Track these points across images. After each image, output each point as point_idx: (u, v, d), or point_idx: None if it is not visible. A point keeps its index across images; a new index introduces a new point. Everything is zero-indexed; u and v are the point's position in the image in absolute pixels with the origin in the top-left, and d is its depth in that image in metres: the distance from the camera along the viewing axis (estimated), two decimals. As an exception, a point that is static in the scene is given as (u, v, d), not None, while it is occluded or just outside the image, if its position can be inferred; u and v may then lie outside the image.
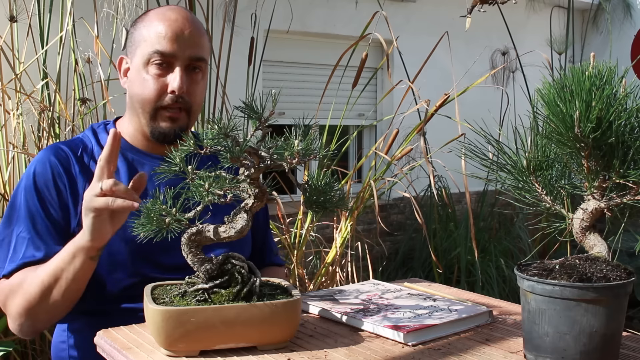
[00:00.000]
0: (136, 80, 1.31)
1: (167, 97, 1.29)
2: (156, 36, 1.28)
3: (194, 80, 1.31)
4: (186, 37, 1.29)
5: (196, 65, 1.31)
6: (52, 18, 2.59)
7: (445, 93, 2.49)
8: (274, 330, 1.00)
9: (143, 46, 1.29)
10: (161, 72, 1.28)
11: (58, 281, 1.18)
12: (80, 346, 1.30)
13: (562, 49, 4.11)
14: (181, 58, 1.28)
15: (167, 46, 1.27)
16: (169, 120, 1.30)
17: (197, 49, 1.31)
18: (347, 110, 2.85)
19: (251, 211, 1.00)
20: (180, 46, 1.28)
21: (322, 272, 2.75)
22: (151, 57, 1.28)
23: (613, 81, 0.89)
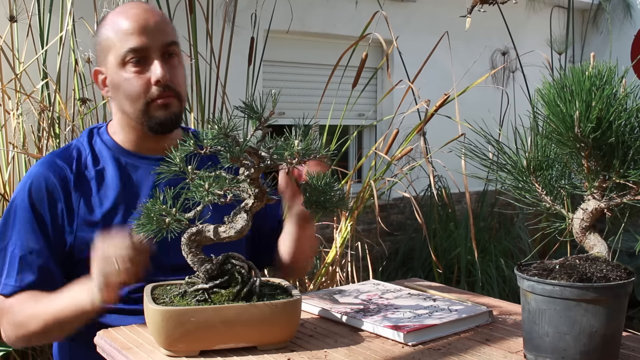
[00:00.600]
0: (118, 84, 1.30)
1: (153, 90, 1.28)
2: (124, 35, 1.27)
3: (172, 66, 1.31)
4: (153, 27, 1.28)
5: (170, 51, 1.31)
6: (52, 18, 2.59)
7: (445, 93, 2.48)
8: (274, 330, 1.00)
9: (114, 49, 1.29)
10: (140, 68, 1.28)
11: (62, 326, 1.21)
12: (81, 345, 1.30)
13: (562, 49, 4.11)
14: (155, 48, 1.28)
15: (137, 41, 1.27)
16: (163, 108, 1.30)
17: (167, 35, 1.31)
18: (347, 110, 2.85)
19: (251, 211, 1.00)
20: (150, 37, 1.27)
21: (322, 272, 2.75)
22: (125, 56, 1.27)
23: (613, 81, 0.89)
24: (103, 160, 1.34)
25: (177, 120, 1.33)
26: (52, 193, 1.28)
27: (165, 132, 1.32)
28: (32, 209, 1.27)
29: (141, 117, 1.30)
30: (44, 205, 1.27)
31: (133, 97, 1.29)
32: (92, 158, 1.33)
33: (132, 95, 1.28)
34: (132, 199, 1.31)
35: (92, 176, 1.31)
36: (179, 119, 1.34)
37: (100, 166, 1.33)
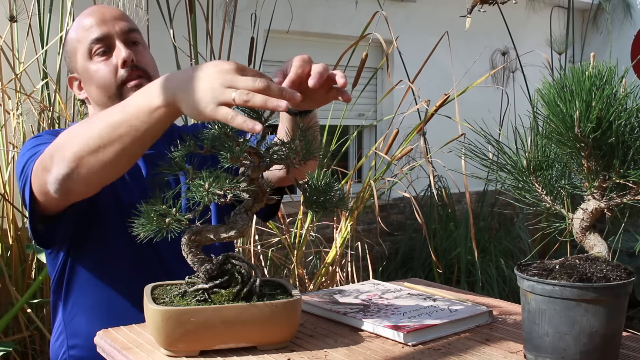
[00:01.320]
0: (89, 78, 1.34)
1: (122, 72, 1.32)
2: (85, 31, 1.33)
3: (137, 51, 1.35)
4: (110, 17, 1.34)
5: (134, 39, 1.35)
6: (52, 18, 2.59)
7: (445, 93, 2.48)
8: (274, 330, 1.00)
9: (80, 48, 1.33)
10: (106, 57, 1.32)
11: (120, 137, 1.00)
12: (78, 344, 1.30)
13: (562, 49, 4.11)
14: (116, 35, 1.33)
15: (98, 31, 1.32)
16: (135, 89, 1.30)
17: (126, 22, 1.35)
18: (347, 110, 2.85)
19: (251, 211, 1.00)
20: (109, 25, 1.32)
21: (322, 272, 2.75)
22: (90, 49, 1.32)
23: (613, 81, 0.89)
24: None
25: None
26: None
27: None
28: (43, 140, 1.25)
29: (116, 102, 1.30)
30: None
31: (105, 85, 1.32)
32: None
33: (103, 83, 1.32)
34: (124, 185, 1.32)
35: None
36: None
37: None
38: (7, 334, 2.34)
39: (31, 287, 2.24)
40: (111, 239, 1.29)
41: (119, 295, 1.29)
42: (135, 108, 0.98)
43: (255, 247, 2.73)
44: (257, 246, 2.78)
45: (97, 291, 1.30)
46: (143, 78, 1.33)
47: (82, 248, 1.31)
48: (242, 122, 0.87)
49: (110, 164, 1.02)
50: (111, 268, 1.30)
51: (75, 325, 1.32)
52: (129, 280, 1.30)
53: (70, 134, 1.06)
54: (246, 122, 0.86)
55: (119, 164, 1.05)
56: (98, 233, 1.30)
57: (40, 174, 1.12)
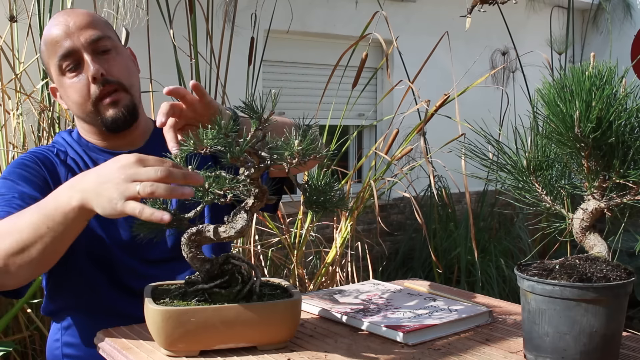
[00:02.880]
0: (65, 93, 1.31)
1: (93, 89, 1.28)
2: (53, 46, 1.28)
3: (107, 60, 1.30)
4: (73, 28, 1.27)
5: (103, 47, 1.29)
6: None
7: (445, 93, 2.48)
8: (274, 330, 1.00)
9: (51, 63, 1.30)
10: (76, 72, 1.28)
11: (37, 229, 1.02)
12: (73, 344, 1.31)
13: (562, 49, 4.11)
14: (82, 47, 1.27)
15: (64, 46, 1.27)
16: (112, 106, 1.29)
17: (92, 30, 1.28)
18: (347, 110, 2.85)
19: (251, 211, 1.00)
20: (73, 38, 1.27)
21: (322, 272, 2.75)
22: (60, 65, 1.28)
23: (613, 81, 0.89)
24: (77, 155, 1.35)
25: (132, 113, 1.31)
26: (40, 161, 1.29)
27: (123, 128, 1.31)
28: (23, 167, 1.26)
29: (95, 118, 1.30)
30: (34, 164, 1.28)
31: (80, 102, 1.29)
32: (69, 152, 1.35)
33: (78, 100, 1.29)
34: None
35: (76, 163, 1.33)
36: (133, 111, 1.32)
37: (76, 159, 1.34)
38: (7, 334, 2.34)
39: (31, 287, 2.24)
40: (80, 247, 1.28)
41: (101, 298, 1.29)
42: (52, 209, 1.01)
43: (255, 247, 2.73)
44: (257, 246, 2.78)
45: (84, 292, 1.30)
46: (118, 91, 1.29)
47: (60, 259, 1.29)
48: (149, 214, 0.88)
49: (36, 261, 1.04)
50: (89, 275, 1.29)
51: (69, 323, 1.32)
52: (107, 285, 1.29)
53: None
54: (154, 214, 0.88)
55: (44, 261, 1.07)
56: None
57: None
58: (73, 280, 1.29)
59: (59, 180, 1.29)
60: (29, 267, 1.05)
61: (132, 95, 1.32)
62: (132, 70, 1.35)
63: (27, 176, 1.25)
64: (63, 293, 1.32)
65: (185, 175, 0.92)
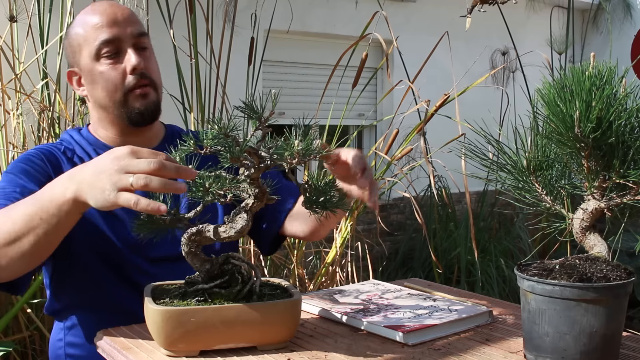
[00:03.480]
0: (94, 79, 1.31)
1: (129, 78, 1.29)
2: (94, 30, 1.29)
3: (146, 57, 1.33)
4: (121, 19, 1.30)
5: (143, 44, 1.33)
6: (52, 18, 2.59)
7: (445, 93, 2.48)
8: (274, 330, 1.00)
9: (86, 46, 1.30)
10: (114, 61, 1.29)
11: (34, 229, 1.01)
12: (77, 344, 1.30)
13: (562, 49, 4.11)
14: (126, 39, 1.30)
15: (108, 33, 1.28)
16: (141, 98, 1.31)
17: (137, 26, 1.32)
18: (347, 110, 2.85)
19: (251, 211, 1.00)
20: (120, 28, 1.29)
21: (322, 272, 2.75)
22: (99, 50, 1.28)
23: (613, 81, 0.89)
24: (85, 153, 1.35)
25: (156, 110, 1.34)
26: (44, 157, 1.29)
27: (146, 122, 1.33)
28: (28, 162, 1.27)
29: (120, 109, 1.31)
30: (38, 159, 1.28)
31: (110, 89, 1.30)
32: (80, 148, 1.35)
33: (109, 87, 1.30)
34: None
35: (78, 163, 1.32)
36: (157, 109, 1.35)
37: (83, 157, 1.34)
38: (7, 334, 2.34)
39: (31, 287, 2.24)
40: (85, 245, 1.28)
41: (107, 296, 1.29)
42: (47, 201, 1.00)
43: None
44: (257, 246, 2.78)
45: (90, 289, 1.30)
46: (149, 86, 1.32)
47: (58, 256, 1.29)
48: (145, 205, 0.88)
49: (28, 253, 1.03)
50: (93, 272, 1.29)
51: (72, 323, 1.32)
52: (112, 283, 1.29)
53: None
54: (150, 205, 0.87)
55: (36, 254, 1.05)
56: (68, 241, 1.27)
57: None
58: (78, 277, 1.29)
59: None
60: (21, 259, 1.04)
61: (158, 95, 1.35)
62: (159, 72, 1.39)
63: (30, 171, 1.25)
64: (68, 290, 1.31)
65: (178, 168, 0.91)
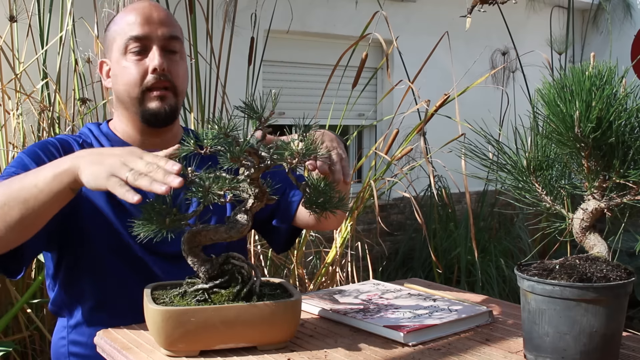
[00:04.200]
0: (118, 72, 1.33)
1: (149, 77, 1.30)
2: (127, 25, 1.31)
3: (172, 60, 1.33)
4: (156, 19, 1.31)
5: (173, 47, 1.33)
6: (52, 18, 2.59)
7: (445, 93, 2.48)
8: (274, 330, 1.00)
9: (118, 40, 1.32)
10: (140, 57, 1.31)
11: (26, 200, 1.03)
12: (80, 341, 1.30)
13: (562, 49, 4.11)
14: (156, 39, 1.30)
15: (139, 30, 1.30)
16: (158, 100, 1.31)
17: (169, 28, 1.33)
18: (347, 110, 2.85)
19: (251, 211, 1.00)
20: (151, 27, 1.30)
21: (322, 272, 2.75)
22: (127, 45, 1.30)
23: (613, 81, 0.89)
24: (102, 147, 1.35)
25: (171, 114, 1.34)
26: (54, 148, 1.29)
27: (159, 124, 1.33)
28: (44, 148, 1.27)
29: (137, 106, 1.32)
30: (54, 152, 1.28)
31: (130, 84, 1.31)
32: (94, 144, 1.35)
33: (129, 82, 1.31)
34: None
35: None
36: (174, 113, 1.34)
37: None
38: (7, 334, 2.34)
39: (31, 287, 2.24)
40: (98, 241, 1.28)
41: (119, 293, 1.29)
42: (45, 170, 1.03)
43: (255, 247, 2.73)
44: (257, 246, 2.78)
45: (95, 288, 1.30)
46: (168, 89, 1.32)
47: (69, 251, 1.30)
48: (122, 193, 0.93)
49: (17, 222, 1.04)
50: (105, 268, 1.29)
51: (76, 321, 1.32)
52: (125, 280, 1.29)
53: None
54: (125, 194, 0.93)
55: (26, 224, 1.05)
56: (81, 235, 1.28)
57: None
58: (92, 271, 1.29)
59: None
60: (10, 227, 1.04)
61: (178, 101, 1.35)
62: (186, 79, 1.39)
63: (42, 157, 1.25)
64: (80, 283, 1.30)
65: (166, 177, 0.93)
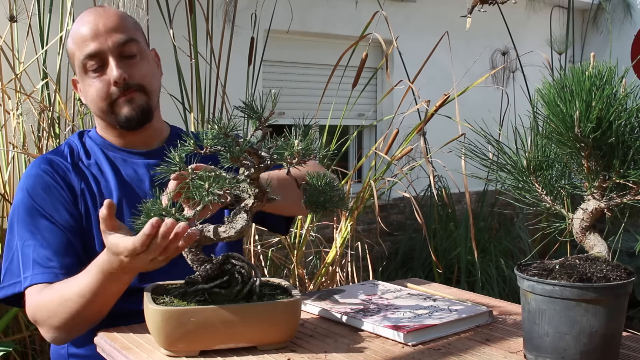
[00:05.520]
0: (85, 90, 1.34)
1: (113, 90, 1.30)
2: (80, 43, 1.30)
3: (132, 65, 1.32)
4: (103, 30, 1.29)
5: (129, 52, 1.31)
6: (52, 18, 2.59)
7: (445, 93, 2.48)
8: (274, 330, 1.00)
9: (76, 58, 1.32)
10: (99, 73, 1.30)
11: (94, 301, 1.13)
12: (79, 344, 1.30)
13: (562, 49, 4.11)
14: (108, 50, 1.29)
15: (91, 47, 1.29)
16: (127, 104, 1.31)
17: (120, 34, 1.30)
18: (347, 110, 2.85)
19: (251, 211, 1.00)
20: (101, 40, 1.29)
21: (322, 272, 2.75)
22: (84, 64, 1.30)
23: (613, 81, 0.89)
24: (94, 154, 1.37)
25: (145, 113, 1.34)
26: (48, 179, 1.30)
27: (135, 126, 1.34)
28: (34, 206, 1.27)
29: (110, 117, 1.33)
30: (45, 191, 1.28)
31: (96, 101, 1.32)
32: (85, 152, 1.37)
33: (95, 99, 1.31)
34: (129, 192, 1.34)
35: (87, 168, 1.34)
36: (147, 111, 1.34)
37: (92, 160, 1.36)
38: (7, 334, 2.34)
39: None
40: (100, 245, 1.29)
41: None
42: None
43: (255, 247, 2.73)
44: (257, 246, 2.78)
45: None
46: (136, 92, 1.32)
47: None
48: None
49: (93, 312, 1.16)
50: None
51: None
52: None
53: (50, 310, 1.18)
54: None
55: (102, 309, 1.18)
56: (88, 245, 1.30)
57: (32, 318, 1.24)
58: None
59: (73, 189, 1.30)
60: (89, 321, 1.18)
61: (150, 98, 1.35)
62: (155, 75, 1.38)
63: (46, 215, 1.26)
64: None
65: (161, 246, 0.98)
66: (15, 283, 1.23)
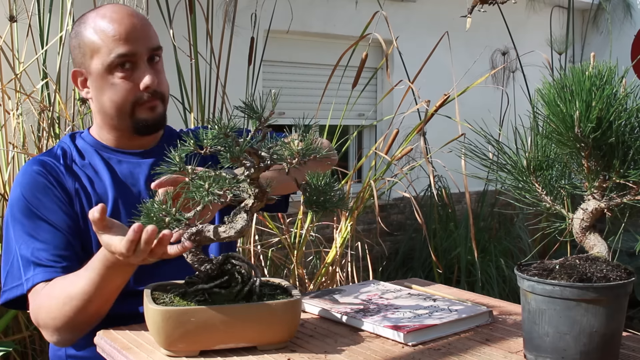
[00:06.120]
0: (103, 88, 1.30)
1: (140, 94, 1.29)
2: (111, 40, 1.27)
3: (158, 70, 1.33)
4: (140, 32, 1.29)
5: (157, 57, 1.33)
6: (52, 18, 2.58)
7: (445, 93, 2.48)
8: (274, 330, 1.00)
9: (100, 54, 1.28)
10: (127, 74, 1.29)
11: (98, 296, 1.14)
12: (77, 346, 1.30)
13: (562, 49, 4.10)
14: (142, 54, 1.29)
15: (126, 48, 1.27)
16: (149, 111, 1.31)
17: (153, 40, 1.31)
18: (347, 110, 2.85)
19: (251, 211, 1.00)
20: (139, 43, 1.28)
21: (322, 272, 2.75)
22: (114, 62, 1.27)
23: (613, 81, 0.89)
24: (88, 155, 1.36)
25: (162, 121, 1.36)
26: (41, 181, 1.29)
27: (151, 133, 1.35)
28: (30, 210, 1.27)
29: (127, 120, 1.32)
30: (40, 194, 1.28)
31: (119, 102, 1.30)
32: (78, 153, 1.36)
33: (118, 100, 1.30)
34: (125, 191, 1.33)
35: (81, 169, 1.34)
36: (164, 120, 1.36)
37: (86, 160, 1.35)
38: (7, 334, 2.34)
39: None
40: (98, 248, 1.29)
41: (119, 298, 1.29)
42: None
43: (255, 247, 2.73)
44: (257, 246, 2.78)
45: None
46: (158, 100, 1.32)
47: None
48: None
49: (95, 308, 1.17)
50: None
51: None
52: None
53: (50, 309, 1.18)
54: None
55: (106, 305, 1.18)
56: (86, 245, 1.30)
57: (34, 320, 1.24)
58: None
59: (67, 190, 1.30)
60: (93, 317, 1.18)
61: (165, 107, 1.36)
62: (168, 84, 1.39)
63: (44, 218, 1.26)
64: None
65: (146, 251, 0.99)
66: (17, 286, 1.23)
